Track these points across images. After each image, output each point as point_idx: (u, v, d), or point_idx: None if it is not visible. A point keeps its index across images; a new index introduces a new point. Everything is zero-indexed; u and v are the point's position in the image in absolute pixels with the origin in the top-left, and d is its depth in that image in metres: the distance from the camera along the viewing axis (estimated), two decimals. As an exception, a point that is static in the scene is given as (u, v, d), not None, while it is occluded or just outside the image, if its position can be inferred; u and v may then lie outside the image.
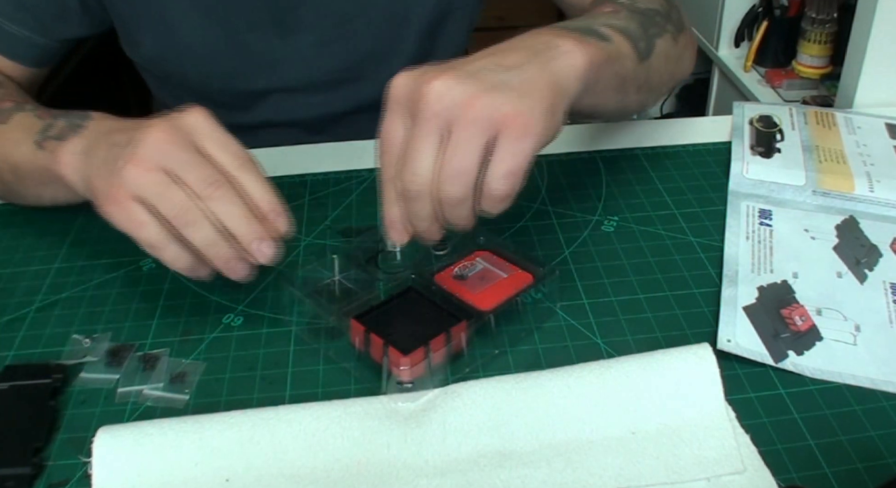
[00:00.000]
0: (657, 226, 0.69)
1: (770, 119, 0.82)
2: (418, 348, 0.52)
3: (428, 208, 0.52)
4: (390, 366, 0.52)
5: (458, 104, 0.50)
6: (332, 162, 0.78)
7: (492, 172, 0.50)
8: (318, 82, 0.86)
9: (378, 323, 0.55)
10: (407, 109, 0.51)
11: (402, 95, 0.52)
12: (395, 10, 0.83)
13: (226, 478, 0.47)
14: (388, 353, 0.52)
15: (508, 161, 0.50)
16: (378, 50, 0.85)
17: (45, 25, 0.79)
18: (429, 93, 0.50)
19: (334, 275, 0.60)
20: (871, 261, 0.64)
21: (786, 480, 0.47)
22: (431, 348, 0.52)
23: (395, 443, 0.49)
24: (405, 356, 0.51)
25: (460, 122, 0.49)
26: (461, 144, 0.50)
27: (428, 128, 0.50)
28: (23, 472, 0.49)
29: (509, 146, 0.50)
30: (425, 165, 0.50)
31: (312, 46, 0.83)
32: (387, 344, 0.53)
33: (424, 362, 0.52)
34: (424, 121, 0.50)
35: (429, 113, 0.50)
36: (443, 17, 0.86)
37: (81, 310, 0.62)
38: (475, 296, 0.56)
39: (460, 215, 0.52)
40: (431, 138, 0.50)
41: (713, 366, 0.51)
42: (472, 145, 0.50)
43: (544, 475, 0.47)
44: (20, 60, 0.80)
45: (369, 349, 0.54)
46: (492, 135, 0.50)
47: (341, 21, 0.82)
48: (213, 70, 0.84)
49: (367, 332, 0.54)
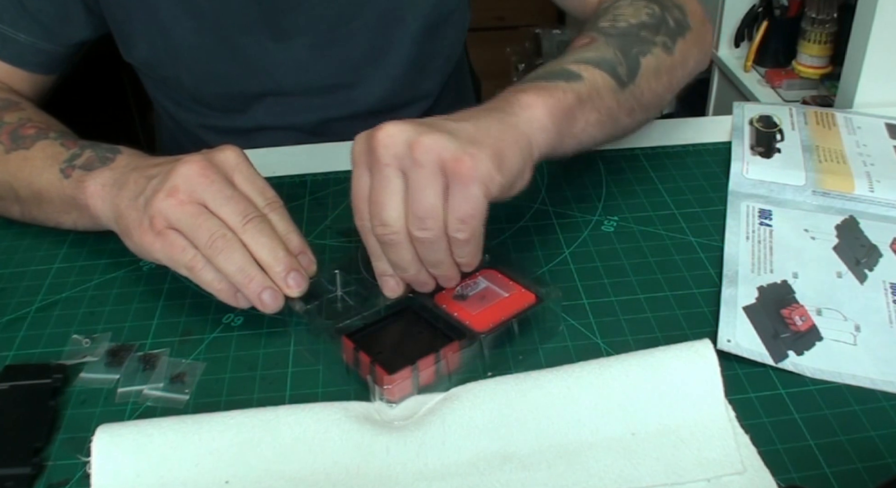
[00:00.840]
0: (657, 226, 0.69)
1: (770, 119, 0.82)
2: (404, 368, 0.52)
3: (408, 255, 0.53)
4: (376, 384, 0.52)
5: (406, 146, 0.51)
6: (332, 162, 0.78)
7: (448, 218, 0.51)
8: (313, 86, 0.86)
9: (369, 341, 0.55)
10: (366, 163, 0.53)
11: (360, 150, 0.53)
12: (390, 14, 0.83)
13: (225, 480, 0.47)
14: (375, 372, 0.52)
15: (459, 206, 0.51)
16: (373, 54, 0.85)
17: (50, 30, 0.79)
18: (379, 139, 0.51)
19: (336, 290, 0.60)
20: (871, 261, 0.64)
21: (786, 480, 0.47)
22: (419, 367, 0.52)
23: (395, 446, 0.49)
24: (390, 375, 0.51)
25: (412, 166, 0.51)
26: (419, 187, 0.51)
27: (385, 174, 0.51)
28: (23, 472, 0.49)
29: (457, 191, 0.51)
30: (393, 213, 0.52)
31: (307, 50, 0.83)
32: (374, 362, 0.52)
33: (411, 382, 0.52)
34: (379, 168, 0.51)
35: (382, 159, 0.51)
36: (438, 21, 0.86)
37: (81, 310, 0.62)
38: (473, 317, 0.56)
39: (438, 258, 0.53)
40: (391, 185, 0.51)
41: (714, 362, 0.51)
42: (429, 186, 0.51)
43: (545, 477, 0.47)
44: (27, 67, 0.80)
45: (358, 367, 0.54)
46: (444, 178, 0.51)
47: (336, 25, 0.82)
48: (207, 73, 0.83)
49: (357, 351, 0.54)
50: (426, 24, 0.85)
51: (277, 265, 0.55)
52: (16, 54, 0.79)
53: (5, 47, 0.78)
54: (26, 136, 0.69)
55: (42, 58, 0.80)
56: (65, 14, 0.79)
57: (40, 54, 0.80)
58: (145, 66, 0.86)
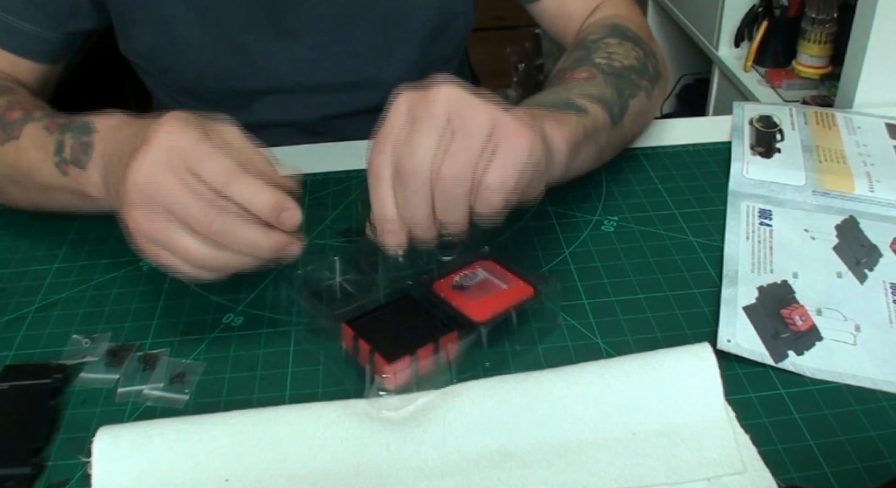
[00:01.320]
0: (657, 226, 0.69)
1: (770, 119, 0.82)
2: (404, 356, 0.52)
3: (424, 201, 0.52)
4: (374, 372, 0.52)
5: (466, 106, 0.51)
6: (332, 162, 0.78)
7: (485, 181, 0.51)
8: (316, 85, 0.86)
9: (368, 328, 0.55)
10: (410, 111, 0.52)
11: (409, 99, 0.53)
12: (394, 14, 0.83)
13: (225, 479, 0.47)
14: (374, 360, 0.52)
15: (500, 171, 0.51)
16: (377, 54, 0.85)
17: (57, 20, 0.78)
18: (439, 93, 0.52)
19: (335, 277, 0.60)
20: (871, 261, 0.64)
21: (786, 480, 0.47)
22: (419, 357, 0.52)
23: (395, 444, 0.49)
24: (389, 364, 0.51)
25: (466, 123, 0.51)
26: (464, 143, 0.51)
27: (434, 123, 0.51)
28: (23, 472, 0.49)
29: (505, 156, 0.51)
30: (427, 154, 0.51)
31: (310, 49, 0.83)
32: (373, 350, 0.52)
33: (410, 371, 0.52)
34: (430, 117, 0.51)
35: (437, 112, 0.51)
36: (443, 25, 0.86)
37: (81, 310, 0.62)
38: (472, 307, 0.56)
39: (454, 217, 0.52)
40: (436, 133, 0.51)
41: (713, 366, 0.51)
42: (473, 146, 0.51)
43: (545, 475, 0.47)
44: (32, 57, 0.79)
45: (357, 354, 0.54)
46: (491, 145, 0.51)
47: (338, 25, 0.82)
48: (209, 69, 0.83)
49: (356, 338, 0.54)
50: (432, 26, 0.85)
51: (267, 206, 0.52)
52: (20, 44, 0.78)
53: (10, 37, 0.78)
54: (14, 122, 0.68)
55: (46, 47, 0.80)
56: (70, 3, 0.79)
57: (44, 44, 0.79)
58: (145, 59, 0.86)
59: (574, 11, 0.85)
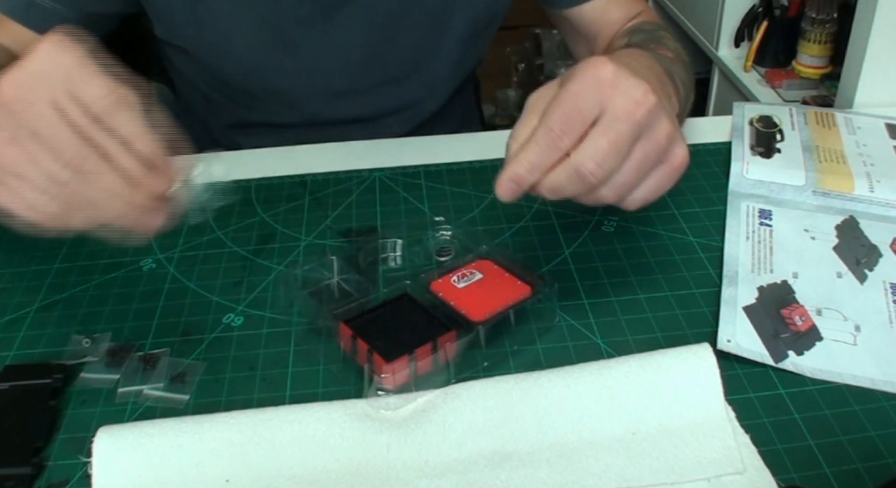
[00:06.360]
0: (657, 226, 0.69)
1: (770, 119, 0.82)
2: (402, 356, 0.52)
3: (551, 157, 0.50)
4: (373, 372, 0.52)
5: (658, 122, 0.50)
6: (332, 162, 0.78)
7: (639, 191, 0.52)
8: (359, 85, 0.85)
9: (366, 328, 0.55)
10: (600, 99, 0.50)
11: (603, 87, 0.50)
12: (440, 14, 0.83)
13: (226, 479, 0.47)
14: (372, 359, 0.52)
15: (659, 185, 0.52)
16: (419, 53, 0.85)
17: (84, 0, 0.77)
18: (648, 102, 0.50)
19: (334, 277, 0.60)
20: (871, 261, 0.64)
21: (786, 480, 0.47)
22: (417, 356, 0.52)
23: (395, 444, 0.49)
24: (388, 363, 0.51)
25: (650, 139, 0.50)
26: (644, 157, 0.50)
27: (629, 128, 0.49)
28: (23, 472, 0.49)
29: (664, 175, 0.52)
30: (614, 163, 0.50)
31: (357, 49, 0.82)
32: (371, 350, 0.53)
33: (408, 370, 0.52)
34: (628, 121, 0.49)
35: (639, 119, 0.49)
36: (486, 23, 0.86)
37: (81, 310, 0.62)
38: (469, 306, 0.56)
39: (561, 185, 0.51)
40: (630, 139, 0.49)
41: (713, 366, 0.51)
42: (650, 162, 0.51)
43: (545, 475, 0.47)
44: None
45: (356, 353, 0.54)
46: (656, 159, 0.51)
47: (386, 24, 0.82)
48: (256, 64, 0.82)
49: (354, 337, 0.54)
50: (475, 25, 0.85)
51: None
52: (39, 21, 0.76)
53: (30, 12, 0.76)
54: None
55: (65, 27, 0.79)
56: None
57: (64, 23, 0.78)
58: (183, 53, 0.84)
59: (617, 19, 0.86)
